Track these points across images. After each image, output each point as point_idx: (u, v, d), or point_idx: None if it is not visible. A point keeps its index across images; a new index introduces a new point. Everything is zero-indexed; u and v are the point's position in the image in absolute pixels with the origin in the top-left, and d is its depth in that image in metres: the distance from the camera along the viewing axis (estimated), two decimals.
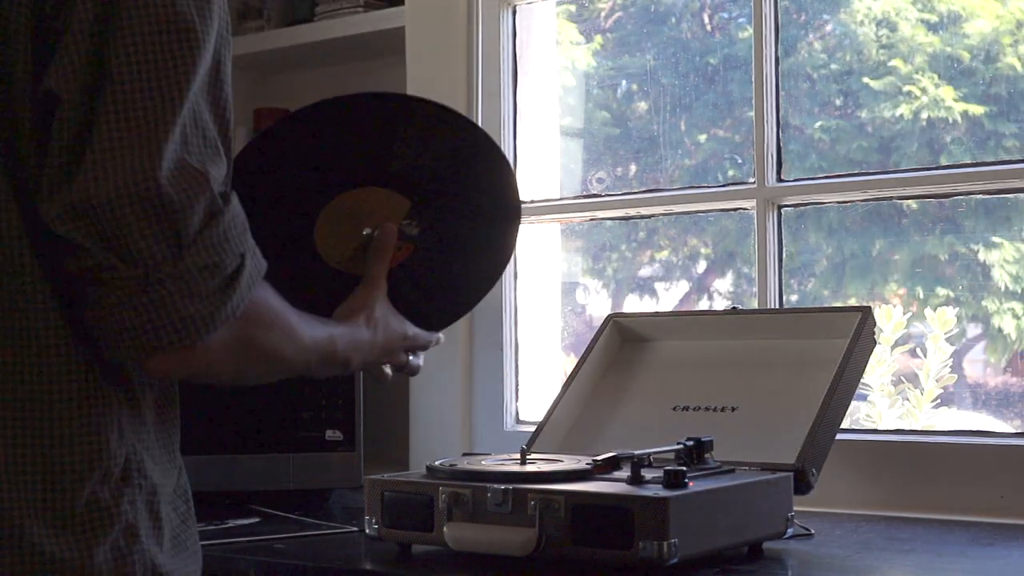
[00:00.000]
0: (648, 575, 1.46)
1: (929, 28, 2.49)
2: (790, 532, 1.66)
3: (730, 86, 2.56)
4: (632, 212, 2.42)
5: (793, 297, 2.47)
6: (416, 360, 1.46)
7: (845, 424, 1.88)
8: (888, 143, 2.53)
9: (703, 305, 2.81)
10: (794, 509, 1.67)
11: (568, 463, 1.66)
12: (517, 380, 2.45)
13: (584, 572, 1.50)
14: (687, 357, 2.03)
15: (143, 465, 1.11)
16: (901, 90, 2.47)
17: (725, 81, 2.58)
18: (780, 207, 2.21)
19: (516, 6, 2.49)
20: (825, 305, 2.49)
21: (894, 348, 2.31)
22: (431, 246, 1.47)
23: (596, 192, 2.58)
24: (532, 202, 2.46)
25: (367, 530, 1.67)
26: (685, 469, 1.54)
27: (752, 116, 2.22)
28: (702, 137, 2.65)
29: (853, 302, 2.52)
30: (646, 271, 2.89)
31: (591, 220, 2.55)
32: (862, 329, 1.86)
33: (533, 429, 2.00)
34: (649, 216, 2.49)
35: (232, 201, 1.08)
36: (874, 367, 2.25)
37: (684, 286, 2.88)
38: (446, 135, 1.44)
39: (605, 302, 2.86)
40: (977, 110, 2.41)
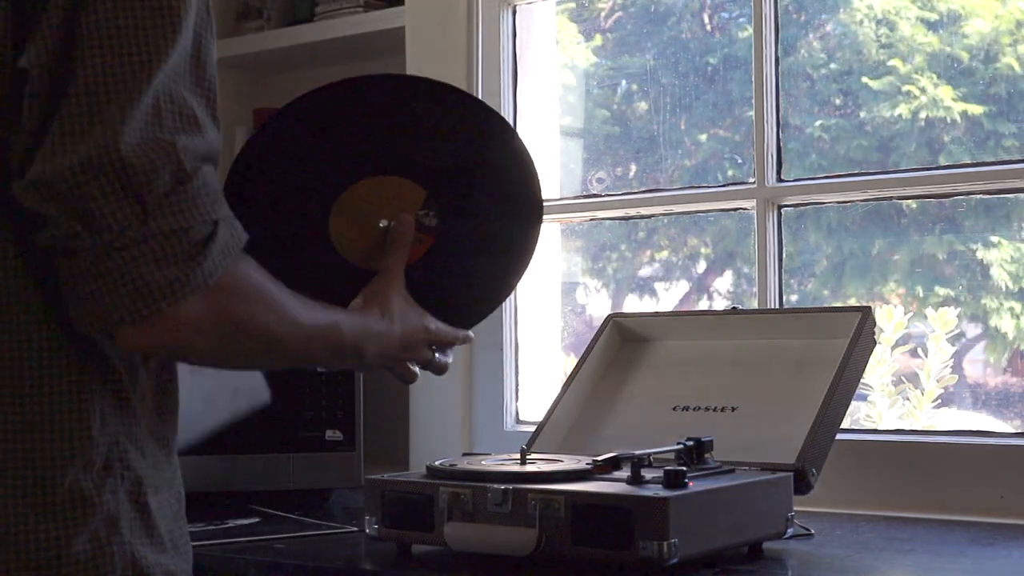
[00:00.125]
0: (648, 575, 1.46)
1: (928, 27, 2.49)
2: (790, 532, 1.66)
3: (730, 86, 2.56)
4: (632, 212, 2.42)
5: (793, 297, 2.47)
6: (443, 357, 1.41)
7: (845, 424, 1.88)
8: (887, 143, 2.53)
9: (703, 305, 2.81)
10: (794, 509, 1.67)
11: (568, 463, 1.66)
12: (517, 380, 2.45)
13: (584, 572, 1.50)
14: (687, 357, 2.03)
15: (126, 456, 1.10)
16: (900, 90, 2.47)
17: (725, 81, 2.58)
18: (780, 207, 2.21)
19: (516, 6, 2.49)
20: (825, 305, 2.49)
21: (894, 348, 2.31)
22: (451, 240, 1.43)
23: (596, 192, 2.58)
24: None
25: (367, 530, 1.67)
26: (685, 469, 1.54)
27: (752, 116, 2.22)
28: (702, 137, 2.65)
29: (853, 302, 2.52)
30: (646, 271, 2.89)
31: (591, 220, 2.55)
32: (862, 329, 1.86)
33: (533, 429, 2.00)
34: (649, 216, 2.49)
35: (203, 170, 1.05)
36: (874, 367, 2.25)
37: (684, 286, 2.88)
38: (457, 117, 1.40)
39: (605, 302, 2.86)
40: (976, 110, 2.41)
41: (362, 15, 2.59)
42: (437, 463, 1.68)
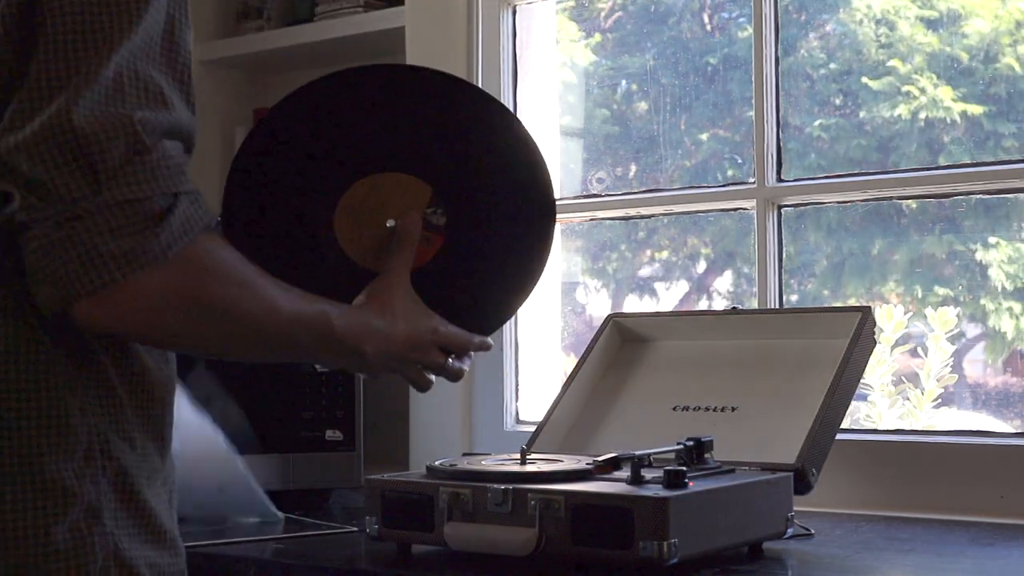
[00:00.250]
0: (648, 575, 1.46)
1: (928, 26, 2.49)
2: (790, 532, 1.66)
3: (730, 86, 2.56)
4: (632, 212, 2.42)
5: (793, 297, 2.47)
6: (458, 363, 1.36)
7: (845, 424, 1.88)
8: (887, 143, 2.53)
9: (703, 305, 2.81)
10: (794, 509, 1.67)
11: (568, 463, 1.66)
12: (517, 380, 2.45)
13: (584, 572, 1.50)
14: (687, 357, 2.03)
15: (109, 446, 1.08)
16: (900, 90, 2.47)
17: (725, 81, 2.58)
18: (780, 207, 2.21)
19: (516, 6, 2.49)
20: (825, 305, 2.49)
21: (894, 348, 2.31)
22: (463, 239, 1.37)
23: (596, 192, 2.58)
24: None
25: (367, 530, 1.67)
26: (685, 469, 1.54)
27: (752, 116, 2.22)
28: (702, 137, 2.65)
29: (853, 302, 2.52)
30: (646, 271, 2.89)
31: (591, 220, 2.55)
32: (862, 329, 1.86)
33: (533, 429, 2.00)
34: (649, 216, 2.49)
35: (165, 144, 1.03)
36: (874, 367, 2.25)
37: (684, 286, 2.88)
38: (458, 109, 1.36)
39: (605, 302, 2.86)
40: (976, 110, 2.41)
41: (362, 15, 2.59)
42: (437, 463, 1.68)
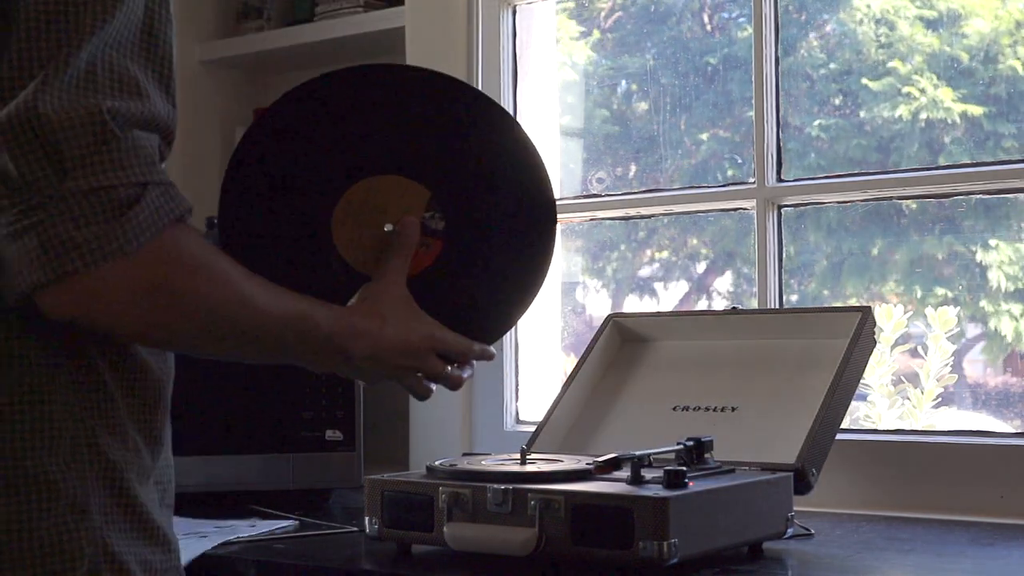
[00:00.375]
0: (648, 575, 1.47)
1: (928, 26, 2.49)
2: (790, 532, 1.66)
3: (730, 86, 2.56)
4: (632, 212, 2.42)
5: (793, 297, 2.47)
6: (458, 371, 1.33)
7: (844, 424, 1.88)
8: (887, 143, 2.53)
9: (703, 305, 2.81)
10: (794, 509, 1.67)
11: (568, 463, 1.66)
12: (517, 380, 2.45)
13: (584, 572, 1.50)
14: (687, 357, 2.03)
15: (96, 441, 1.08)
16: (900, 91, 2.47)
17: (725, 81, 2.58)
18: (780, 207, 2.21)
19: (516, 6, 2.49)
20: (825, 305, 2.49)
21: (894, 348, 2.31)
22: (463, 244, 1.35)
23: (596, 192, 2.58)
24: None
25: (367, 530, 1.67)
26: (685, 469, 1.55)
27: (752, 116, 2.23)
28: (702, 137, 2.65)
29: (853, 302, 2.52)
30: (646, 271, 2.89)
31: (591, 220, 2.55)
32: (862, 329, 1.86)
33: (533, 429, 2.00)
34: (649, 216, 2.49)
35: (135, 134, 1.02)
36: (873, 367, 2.25)
37: (684, 286, 2.88)
38: (457, 111, 1.34)
39: (605, 302, 2.86)
40: (976, 111, 2.41)
41: (362, 15, 2.59)
42: (437, 463, 1.68)
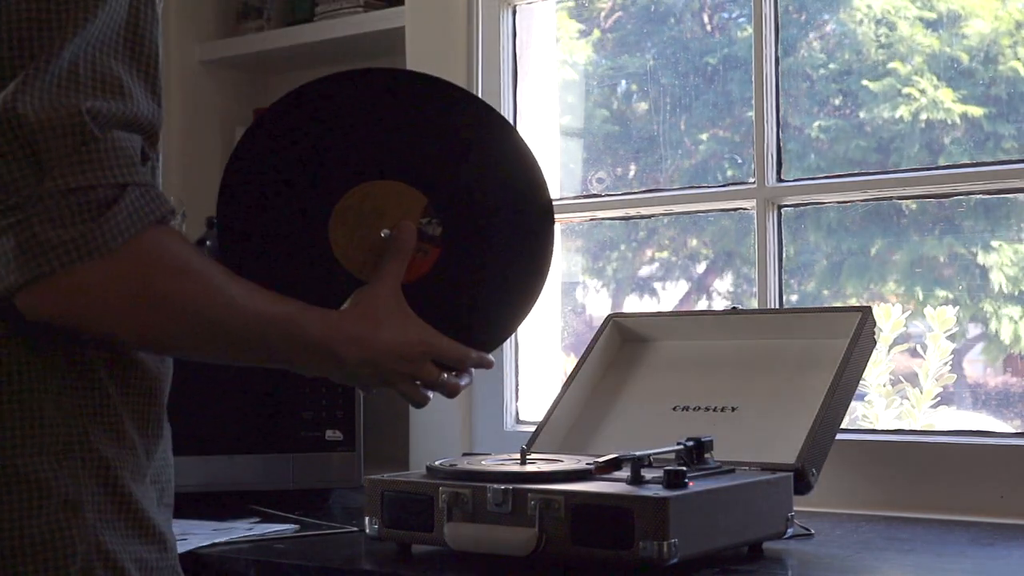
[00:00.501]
0: (648, 575, 1.47)
1: (928, 27, 2.49)
2: (790, 532, 1.66)
3: (730, 86, 2.56)
4: (632, 212, 2.42)
5: (793, 297, 2.47)
6: (454, 378, 1.30)
7: (843, 424, 1.88)
8: (887, 144, 2.53)
9: (703, 305, 2.81)
10: (794, 509, 1.67)
11: (568, 463, 1.66)
12: (517, 380, 2.45)
13: (584, 572, 1.50)
14: (687, 357, 2.03)
15: (88, 439, 1.08)
16: (900, 92, 2.47)
17: (725, 81, 2.58)
18: (780, 207, 2.21)
19: (516, 6, 2.49)
20: (825, 305, 2.49)
21: (892, 347, 2.31)
22: (460, 250, 1.33)
23: (596, 192, 2.58)
24: None
25: (367, 530, 1.67)
26: (685, 469, 1.55)
27: (752, 116, 2.23)
28: (702, 137, 2.65)
29: (852, 302, 2.52)
30: (646, 271, 2.89)
31: (591, 220, 2.55)
32: (862, 329, 1.86)
33: (533, 429, 2.00)
34: (649, 216, 2.50)
35: (116, 135, 1.02)
36: (870, 367, 2.25)
37: (684, 286, 2.87)
38: (453, 114, 1.33)
39: (605, 302, 2.86)
40: (976, 112, 2.41)
41: (362, 15, 2.60)
42: (437, 463, 1.68)
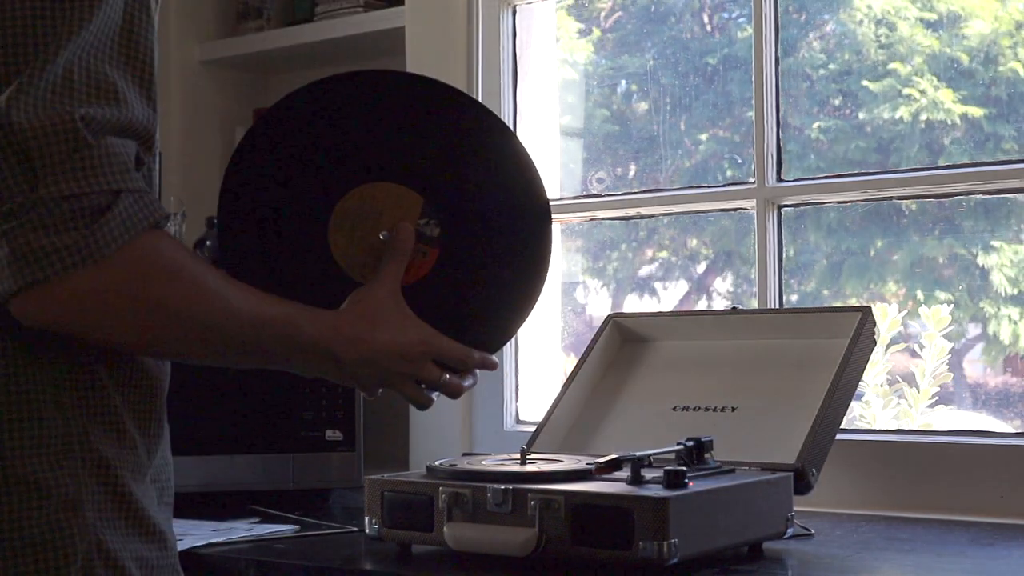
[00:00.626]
0: (648, 575, 1.47)
1: (928, 27, 2.49)
2: (790, 532, 1.66)
3: (730, 86, 2.56)
4: (632, 212, 2.43)
5: (793, 297, 2.47)
6: (457, 379, 1.30)
7: (841, 424, 1.88)
8: (887, 144, 2.53)
9: (703, 305, 2.81)
10: (794, 509, 1.67)
11: (568, 463, 1.66)
12: (517, 380, 2.45)
13: (584, 572, 1.50)
14: (687, 357, 2.03)
15: (88, 438, 1.08)
16: (900, 92, 2.47)
17: (725, 81, 2.58)
18: (780, 207, 2.21)
19: (516, 6, 2.49)
20: (825, 305, 2.49)
21: (888, 347, 2.31)
22: (460, 251, 1.33)
23: (596, 192, 2.58)
24: None
25: (367, 530, 1.67)
26: (685, 469, 1.55)
27: (752, 116, 2.23)
28: (702, 137, 2.65)
29: (852, 302, 2.52)
30: (646, 271, 2.89)
31: (591, 220, 2.55)
32: (862, 329, 1.86)
33: (533, 429, 2.00)
34: (649, 216, 2.50)
35: (109, 141, 1.02)
36: (868, 367, 2.25)
37: (684, 286, 2.87)
38: (451, 116, 1.33)
39: (605, 302, 2.86)
40: (976, 112, 2.41)
41: (362, 15, 2.60)
42: (437, 463, 1.68)
